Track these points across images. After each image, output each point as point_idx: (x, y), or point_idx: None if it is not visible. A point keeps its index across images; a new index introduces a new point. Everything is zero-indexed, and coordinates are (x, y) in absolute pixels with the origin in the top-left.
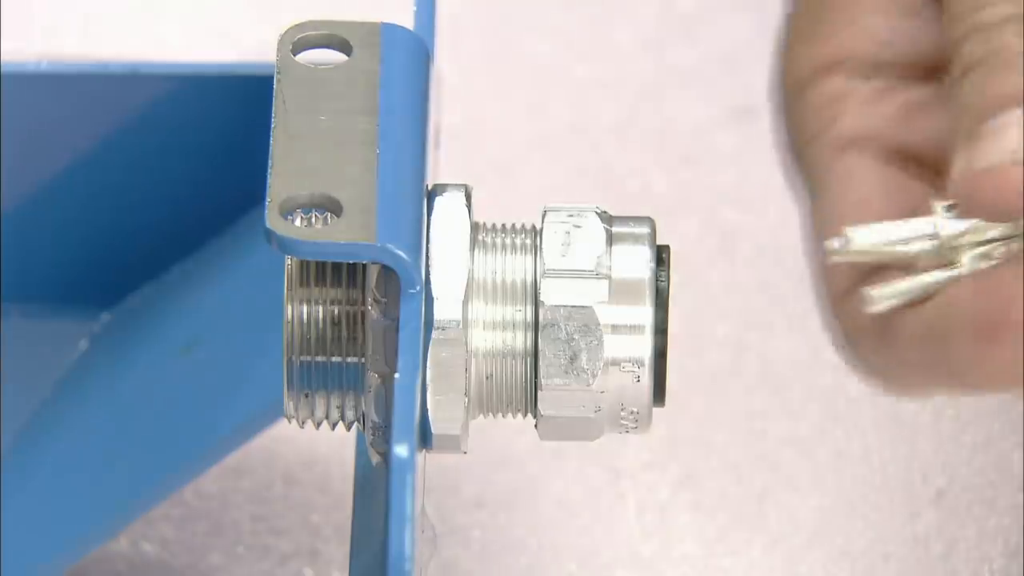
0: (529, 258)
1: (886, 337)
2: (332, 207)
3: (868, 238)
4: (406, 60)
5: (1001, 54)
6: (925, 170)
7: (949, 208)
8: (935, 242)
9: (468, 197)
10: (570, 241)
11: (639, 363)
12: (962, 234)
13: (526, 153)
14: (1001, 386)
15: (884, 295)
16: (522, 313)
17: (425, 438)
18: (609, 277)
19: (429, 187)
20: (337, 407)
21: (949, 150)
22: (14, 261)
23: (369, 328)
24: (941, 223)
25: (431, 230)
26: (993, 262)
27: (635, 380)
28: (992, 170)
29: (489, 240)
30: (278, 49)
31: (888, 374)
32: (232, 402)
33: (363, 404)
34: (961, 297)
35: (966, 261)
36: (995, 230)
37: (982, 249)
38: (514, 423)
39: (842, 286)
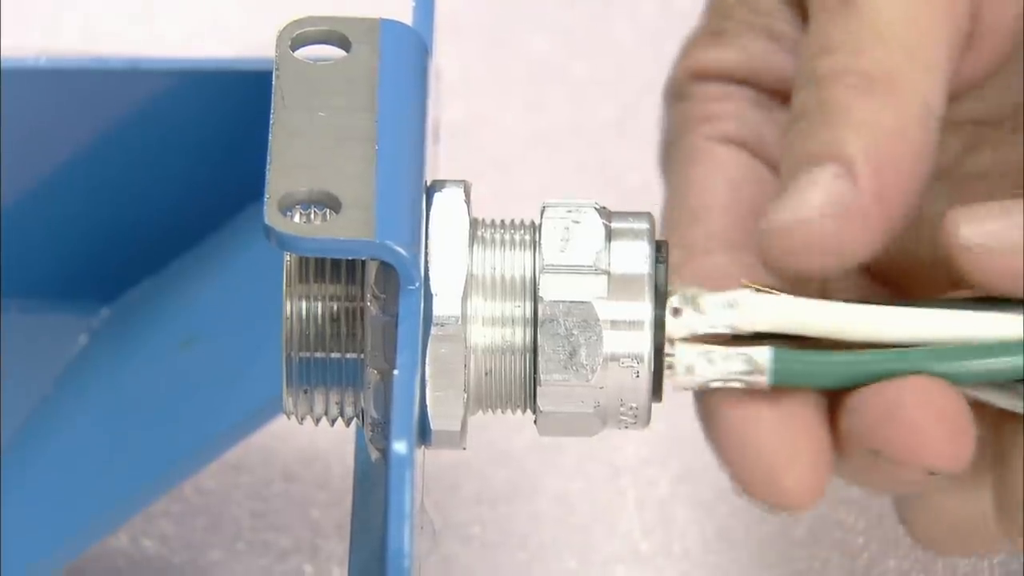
0: (528, 254)
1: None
2: (331, 203)
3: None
4: (405, 56)
5: (825, 108)
6: None
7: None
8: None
9: (467, 193)
10: (569, 237)
11: (638, 359)
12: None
13: (525, 149)
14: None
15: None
16: (521, 309)
17: (424, 434)
18: (608, 273)
19: (428, 183)
20: (336, 403)
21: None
22: (14, 256)
23: (368, 324)
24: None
25: (430, 226)
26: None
27: (634, 376)
28: (786, 228)
29: (488, 236)
30: (277, 45)
31: None
32: (231, 397)
33: (362, 400)
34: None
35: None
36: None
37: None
38: (513, 419)
39: None
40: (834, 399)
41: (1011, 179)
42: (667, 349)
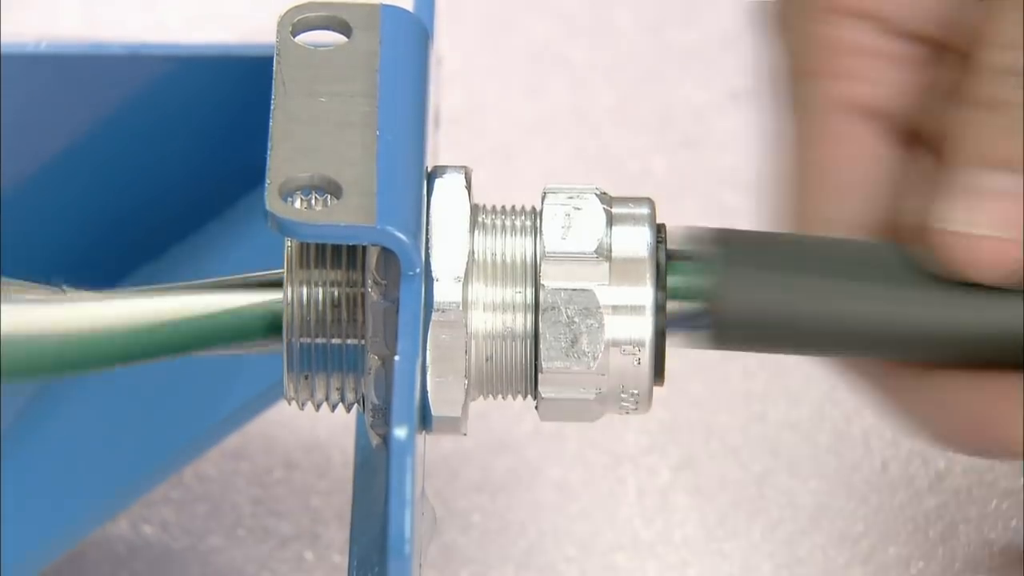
0: (529, 240)
1: None
2: (332, 189)
3: None
4: (406, 42)
5: (1015, 111)
6: (928, 153)
7: None
8: None
9: (468, 179)
10: (570, 223)
11: (639, 345)
12: None
13: (526, 135)
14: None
15: None
16: (522, 295)
17: (425, 420)
18: (609, 258)
19: (429, 169)
20: (337, 389)
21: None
22: (13, 242)
23: (369, 310)
24: None
25: (431, 212)
26: None
27: (635, 363)
28: (971, 237)
29: (489, 222)
30: (278, 31)
31: None
32: (232, 383)
33: (363, 386)
34: None
35: None
36: None
37: None
38: (514, 408)
39: None
40: None
41: None
42: None
